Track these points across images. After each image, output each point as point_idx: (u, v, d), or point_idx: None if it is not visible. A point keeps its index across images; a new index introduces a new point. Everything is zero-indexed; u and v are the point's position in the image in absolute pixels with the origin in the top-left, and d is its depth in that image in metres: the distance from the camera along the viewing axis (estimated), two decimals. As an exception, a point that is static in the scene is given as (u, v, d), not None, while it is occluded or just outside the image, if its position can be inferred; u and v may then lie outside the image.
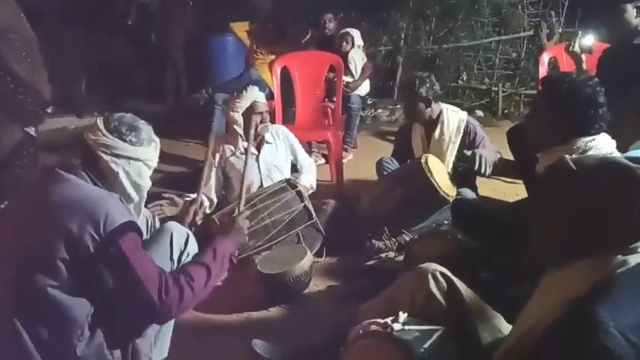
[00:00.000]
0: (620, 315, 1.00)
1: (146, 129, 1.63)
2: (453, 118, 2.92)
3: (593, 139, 1.79)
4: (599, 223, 1.11)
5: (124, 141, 1.57)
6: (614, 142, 1.88)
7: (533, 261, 1.26)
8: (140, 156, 1.60)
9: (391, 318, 1.42)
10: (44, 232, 1.43)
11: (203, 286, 1.58)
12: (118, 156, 1.56)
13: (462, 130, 2.90)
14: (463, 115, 2.96)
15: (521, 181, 2.94)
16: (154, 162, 1.67)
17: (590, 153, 1.74)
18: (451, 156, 2.89)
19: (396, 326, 1.38)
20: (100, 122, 1.59)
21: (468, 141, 2.88)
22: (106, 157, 1.55)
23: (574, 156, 1.20)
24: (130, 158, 1.58)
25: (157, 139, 1.69)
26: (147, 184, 1.66)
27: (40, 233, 1.44)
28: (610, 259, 1.10)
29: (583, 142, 1.78)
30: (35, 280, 1.41)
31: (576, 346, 1.02)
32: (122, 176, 1.58)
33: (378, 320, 1.43)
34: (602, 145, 1.80)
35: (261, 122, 2.86)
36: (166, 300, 1.47)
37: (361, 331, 1.44)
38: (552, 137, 1.82)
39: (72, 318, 1.44)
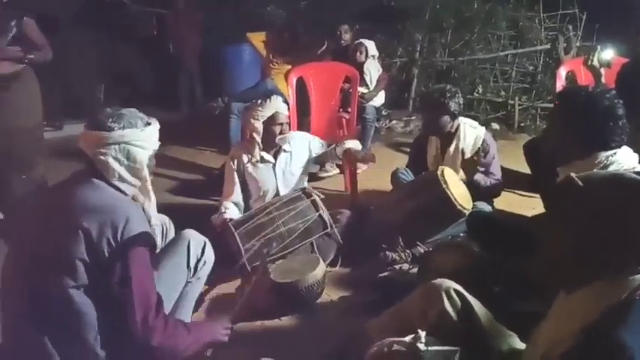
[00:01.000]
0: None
1: (130, 113, 1.60)
2: (470, 134, 2.89)
3: (614, 153, 1.75)
4: (610, 243, 1.07)
5: (105, 130, 1.54)
6: (636, 157, 1.84)
7: (546, 281, 1.24)
8: (124, 139, 1.56)
9: (412, 336, 1.39)
10: (65, 232, 1.45)
11: (179, 339, 1.58)
12: (102, 146, 1.54)
13: (477, 147, 2.87)
14: (481, 132, 2.93)
15: (536, 195, 2.92)
16: (145, 142, 1.61)
17: (611, 168, 1.71)
18: (474, 175, 2.86)
19: (421, 347, 1.36)
20: (85, 127, 1.59)
21: (478, 157, 2.87)
22: (94, 152, 1.55)
23: (582, 173, 1.16)
24: (114, 144, 1.55)
25: (153, 121, 1.65)
26: (142, 166, 1.61)
27: (62, 233, 1.46)
28: (625, 281, 1.06)
29: (604, 156, 1.75)
30: (54, 278, 1.43)
31: None
32: (113, 164, 1.55)
33: (401, 339, 1.40)
34: (624, 159, 1.77)
35: (280, 133, 2.87)
36: (150, 325, 1.48)
37: (385, 350, 1.41)
38: (571, 151, 1.79)
39: (87, 318, 1.46)
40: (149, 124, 1.63)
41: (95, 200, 1.50)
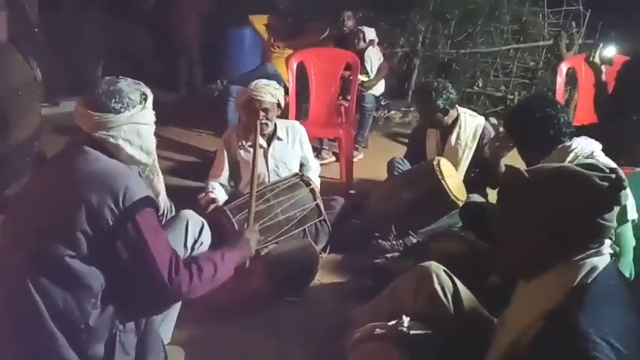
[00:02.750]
0: (599, 321, 1.02)
1: (128, 89, 1.56)
2: (471, 123, 2.89)
3: (570, 145, 1.98)
4: (557, 231, 1.13)
5: (110, 112, 1.51)
6: (597, 144, 2.02)
7: (506, 271, 1.27)
8: (132, 119, 1.54)
9: (395, 321, 1.41)
10: (66, 203, 1.45)
11: (209, 279, 1.61)
12: (110, 129, 1.52)
13: (477, 136, 2.87)
14: (481, 120, 2.93)
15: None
16: (148, 118, 1.61)
17: (571, 155, 1.94)
18: (466, 161, 2.87)
19: (402, 330, 1.38)
20: (80, 105, 1.54)
21: (482, 144, 2.86)
22: (102, 135, 1.52)
23: (531, 168, 1.23)
24: (122, 125, 1.53)
25: (147, 91, 1.62)
26: (151, 143, 1.62)
27: (62, 204, 1.46)
28: (580, 265, 1.11)
29: (560, 147, 1.98)
30: (54, 248, 1.43)
31: (563, 358, 1.02)
32: (124, 145, 1.54)
33: (383, 323, 1.42)
34: (581, 147, 1.97)
35: (266, 119, 2.76)
36: (175, 279, 1.49)
37: (368, 334, 1.43)
38: (535, 155, 2.00)
39: (87, 287, 1.46)
40: (145, 95, 1.60)
41: (93, 170, 1.49)
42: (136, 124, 1.56)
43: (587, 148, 1.99)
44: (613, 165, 1.93)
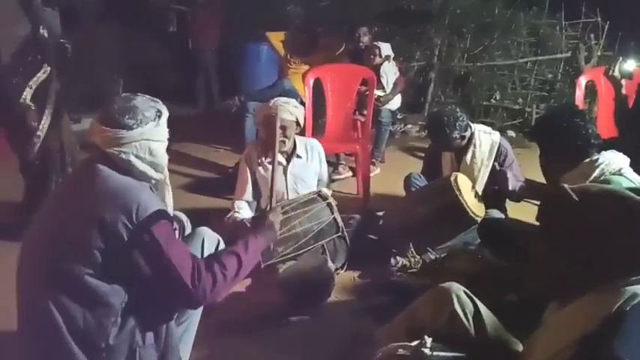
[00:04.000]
0: (635, 350, 0.98)
1: (143, 106, 1.57)
2: (486, 141, 2.85)
3: (597, 159, 1.95)
4: (601, 255, 1.09)
5: (123, 128, 1.52)
6: (624, 159, 1.99)
7: (539, 293, 1.24)
8: (144, 136, 1.55)
9: (417, 342, 1.39)
10: (81, 221, 1.47)
11: (234, 275, 1.60)
12: (122, 145, 1.53)
13: (494, 153, 2.83)
14: (496, 137, 2.89)
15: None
16: (162, 135, 1.61)
17: (597, 171, 1.92)
18: (483, 180, 2.83)
19: (426, 352, 1.36)
20: (95, 121, 1.55)
21: (499, 162, 2.83)
22: (114, 151, 1.54)
23: (576, 186, 1.18)
24: (134, 141, 1.54)
25: (163, 108, 1.62)
26: (163, 160, 1.63)
27: (77, 223, 1.48)
28: (617, 292, 1.07)
29: (586, 163, 1.97)
30: (72, 267, 1.45)
31: None
32: (136, 162, 1.55)
33: (406, 344, 1.40)
34: (608, 162, 1.95)
35: (284, 136, 2.78)
36: (200, 284, 1.50)
37: (388, 354, 1.41)
38: (559, 168, 2.00)
39: (108, 305, 1.47)
40: (159, 112, 1.61)
41: (105, 188, 1.50)
42: (149, 140, 1.57)
43: (614, 164, 1.95)
44: (635, 180, 1.91)
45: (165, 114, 1.63)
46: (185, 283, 1.48)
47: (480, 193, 2.79)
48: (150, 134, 1.56)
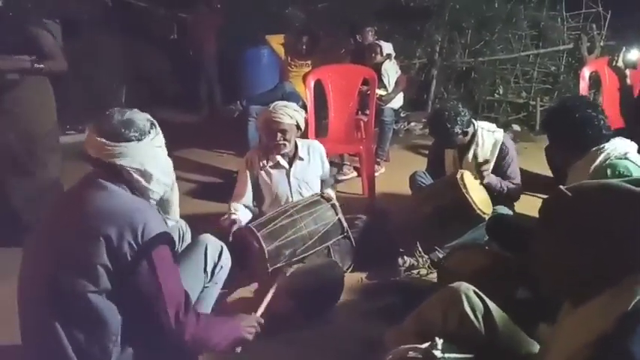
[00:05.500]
0: None
1: (138, 117, 1.60)
2: (488, 140, 2.83)
3: (603, 147, 2.01)
4: (607, 251, 1.06)
5: (130, 140, 1.54)
6: (633, 145, 2.04)
7: (549, 294, 1.22)
8: (152, 144, 1.59)
9: (428, 343, 1.37)
10: (85, 237, 1.46)
11: (210, 335, 1.59)
12: (134, 156, 1.55)
13: (496, 152, 2.81)
14: (499, 135, 2.86)
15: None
16: (162, 141, 1.66)
17: (602, 156, 1.98)
18: (486, 177, 2.80)
19: (437, 354, 1.34)
20: (96, 134, 1.55)
21: (498, 160, 2.81)
22: (126, 162, 1.55)
23: (572, 185, 1.16)
24: (141, 152, 1.56)
25: (149, 117, 1.65)
26: (169, 163, 1.67)
27: (82, 239, 1.47)
28: (631, 290, 1.03)
29: (594, 149, 2.02)
30: (75, 284, 1.44)
31: None
32: (150, 169, 1.58)
33: (416, 346, 1.38)
34: (613, 147, 2.00)
35: (284, 139, 2.78)
36: (182, 321, 1.49)
37: (399, 357, 1.39)
38: (571, 157, 2.07)
39: (108, 323, 1.47)
40: (152, 121, 1.63)
41: (112, 206, 1.50)
42: (155, 147, 1.61)
43: (620, 149, 1.98)
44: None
45: (155, 122, 1.66)
46: (168, 314, 1.47)
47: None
48: (154, 142, 1.60)
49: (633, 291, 1.04)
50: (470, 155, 2.84)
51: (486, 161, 2.76)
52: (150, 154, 1.58)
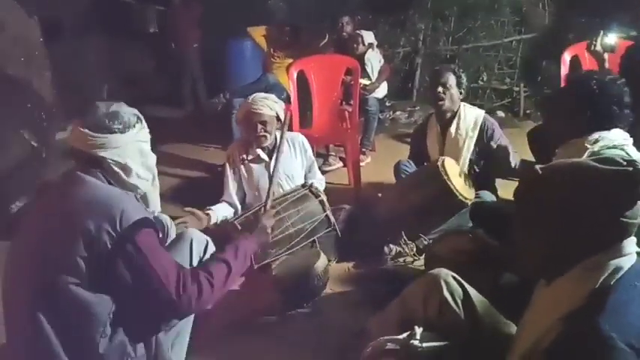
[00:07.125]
0: (622, 325, 0.97)
1: (124, 110, 1.61)
2: (470, 114, 2.88)
3: (606, 133, 1.90)
4: (576, 229, 1.09)
5: (114, 132, 1.56)
6: (627, 136, 1.94)
7: (523, 272, 1.24)
8: (135, 138, 1.60)
9: (407, 334, 1.39)
10: (64, 232, 1.46)
11: (222, 283, 1.60)
12: (116, 148, 1.56)
13: (478, 125, 2.84)
14: (480, 111, 2.93)
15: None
16: (147, 136, 1.67)
17: (599, 144, 1.87)
18: (468, 151, 2.84)
19: (415, 343, 1.36)
20: (80, 127, 1.56)
21: (486, 137, 2.84)
22: (107, 154, 1.55)
23: (547, 165, 1.18)
24: (127, 144, 1.58)
25: (136, 111, 1.66)
26: (153, 158, 1.68)
27: (61, 233, 1.47)
28: (601, 266, 1.06)
29: (597, 133, 1.89)
30: (57, 278, 1.44)
31: None
32: (131, 163, 1.59)
33: (395, 337, 1.39)
34: (614, 137, 1.90)
35: (265, 131, 2.79)
36: (184, 295, 1.49)
37: (377, 349, 1.40)
38: (572, 131, 1.92)
39: (94, 315, 1.46)
40: (137, 115, 1.64)
41: (89, 197, 1.50)
42: (139, 142, 1.62)
43: (620, 139, 1.90)
44: (634, 157, 1.89)
45: (141, 115, 1.66)
46: (169, 293, 1.47)
47: (467, 173, 2.79)
48: (138, 136, 1.61)
49: (603, 267, 1.06)
50: (453, 129, 2.88)
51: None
52: (132, 148, 1.59)
